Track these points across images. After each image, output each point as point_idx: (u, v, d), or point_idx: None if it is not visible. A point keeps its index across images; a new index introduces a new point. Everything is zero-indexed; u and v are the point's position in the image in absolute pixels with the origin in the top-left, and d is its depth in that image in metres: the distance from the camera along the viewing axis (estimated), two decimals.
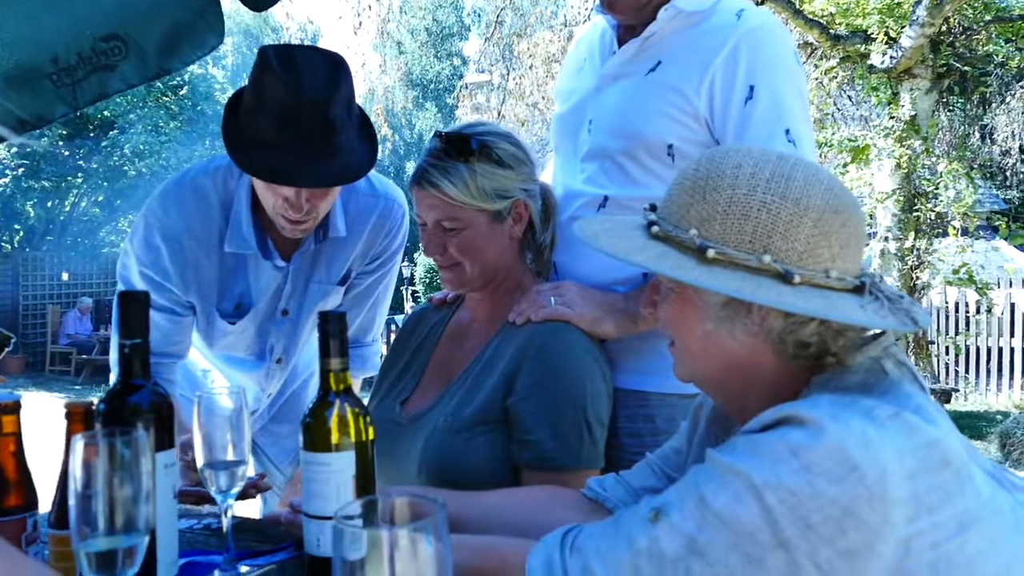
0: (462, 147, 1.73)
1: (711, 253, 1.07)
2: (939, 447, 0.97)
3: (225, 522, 1.42)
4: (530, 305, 1.75)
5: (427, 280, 21.84)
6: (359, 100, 2.04)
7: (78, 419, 1.26)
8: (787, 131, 1.68)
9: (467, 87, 15.18)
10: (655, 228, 1.14)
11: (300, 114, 1.84)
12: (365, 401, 1.62)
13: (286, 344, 2.38)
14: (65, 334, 15.81)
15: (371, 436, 1.34)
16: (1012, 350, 11.84)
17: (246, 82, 1.96)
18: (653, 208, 1.19)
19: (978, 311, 11.36)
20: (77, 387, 14.14)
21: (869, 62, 8.84)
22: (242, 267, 2.21)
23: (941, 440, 0.98)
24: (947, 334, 12.08)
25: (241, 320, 2.26)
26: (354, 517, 0.82)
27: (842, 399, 1.01)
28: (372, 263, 2.35)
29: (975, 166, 10.69)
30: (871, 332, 1.13)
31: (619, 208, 1.81)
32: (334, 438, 1.30)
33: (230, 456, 1.41)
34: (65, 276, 17.86)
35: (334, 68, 1.90)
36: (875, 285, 1.08)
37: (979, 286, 8.88)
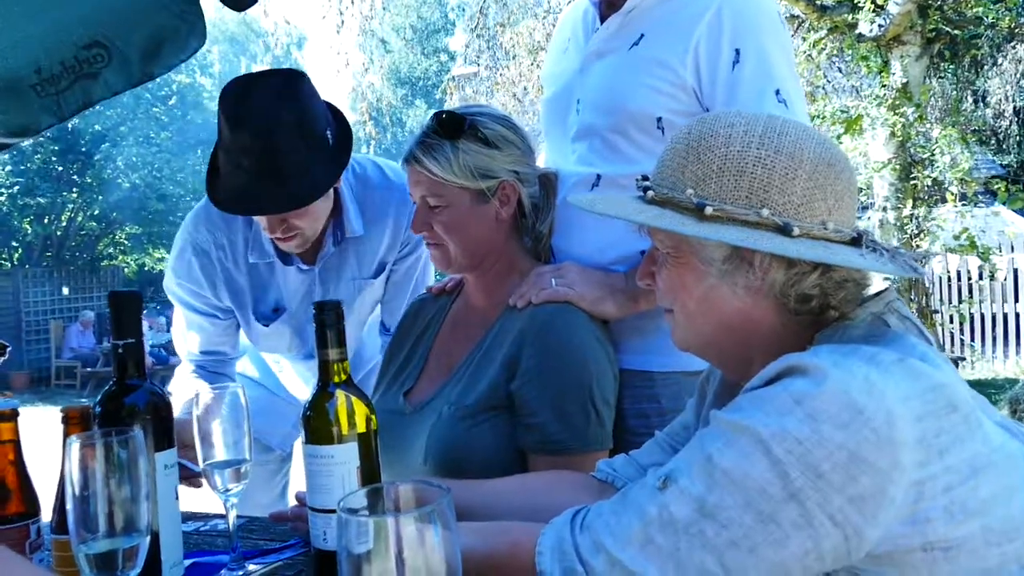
0: (452, 126, 1.72)
1: (709, 210, 1.08)
2: (945, 391, 0.96)
3: (230, 520, 1.41)
4: (530, 288, 1.73)
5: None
6: (346, 100, 2.06)
7: (75, 422, 1.24)
8: (777, 91, 1.67)
9: (454, 79, 15.12)
10: (650, 193, 1.15)
11: (245, 147, 1.93)
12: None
13: None
14: (68, 348, 15.84)
15: (374, 426, 1.32)
16: (1017, 316, 11.83)
17: None
18: (645, 178, 1.19)
19: (980, 277, 11.31)
20: (83, 400, 14.12)
21: (857, 31, 8.76)
22: (271, 274, 2.31)
23: (947, 384, 0.97)
24: (951, 303, 12.03)
25: (275, 323, 2.35)
26: (358, 509, 0.80)
27: (844, 347, 1.01)
28: (403, 250, 2.38)
29: (970, 131, 10.61)
30: (873, 290, 1.14)
31: (612, 185, 1.79)
32: (336, 429, 1.28)
33: (231, 455, 1.40)
34: (65, 291, 17.91)
35: (279, 93, 1.96)
36: (871, 239, 1.11)
37: (981, 251, 8.82)
